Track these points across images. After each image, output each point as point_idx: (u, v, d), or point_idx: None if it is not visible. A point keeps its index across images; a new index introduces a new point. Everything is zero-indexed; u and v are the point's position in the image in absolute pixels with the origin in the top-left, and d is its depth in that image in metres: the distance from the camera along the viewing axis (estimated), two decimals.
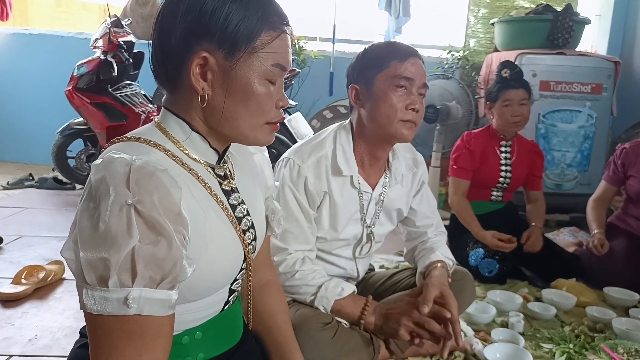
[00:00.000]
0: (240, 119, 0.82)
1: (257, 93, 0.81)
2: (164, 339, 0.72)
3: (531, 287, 2.31)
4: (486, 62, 4.02)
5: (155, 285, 0.69)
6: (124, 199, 0.67)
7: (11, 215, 3.00)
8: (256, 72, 0.80)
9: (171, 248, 0.69)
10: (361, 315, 1.38)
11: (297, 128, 3.41)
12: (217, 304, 0.92)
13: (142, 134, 0.82)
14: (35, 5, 5.41)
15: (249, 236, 0.92)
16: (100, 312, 0.67)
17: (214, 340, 0.92)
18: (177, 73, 0.80)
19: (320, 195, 1.42)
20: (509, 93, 2.34)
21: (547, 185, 3.45)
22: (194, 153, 0.84)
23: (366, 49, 1.44)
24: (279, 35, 0.81)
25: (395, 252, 2.70)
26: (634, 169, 2.41)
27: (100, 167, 0.69)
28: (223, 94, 0.80)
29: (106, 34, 3.44)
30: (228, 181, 0.90)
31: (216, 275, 0.85)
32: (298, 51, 4.21)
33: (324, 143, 1.44)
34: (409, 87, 1.35)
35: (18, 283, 2.00)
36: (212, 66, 0.79)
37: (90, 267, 0.66)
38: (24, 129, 4.52)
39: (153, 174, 0.69)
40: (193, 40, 0.78)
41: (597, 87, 3.46)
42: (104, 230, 0.66)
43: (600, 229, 2.44)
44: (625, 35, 4.44)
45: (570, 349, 1.72)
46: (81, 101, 3.47)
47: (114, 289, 0.66)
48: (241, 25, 0.78)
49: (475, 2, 4.61)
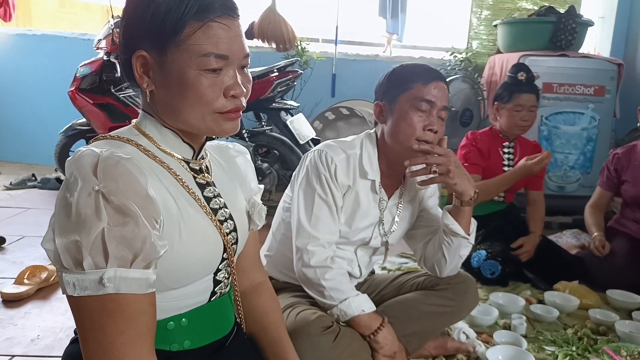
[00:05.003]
0: (184, 111, 0.84)
1: (191, 84, 0.82)
2: (146, 315, 0.75)
3: (534, 290, 2.31)
4: (489, 64, 4.01)
5: (129, 265, 0.72)
6: (92, 185, 0.71)
7: (14, 216, 3.01)
8: (187, 64, 0.81)
9: (138, 226, 0.73)
10: (372, 334, 1.41)
11: (299, 129, 3.40)
12: (203, 294, 0.94)
13: (119, 132, 0.88)
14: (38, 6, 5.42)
15: (227, 226, 0.94)
16: (80, 294, 0.71)
17: (200, 329, 0.93)
18: (131, 72, 0.85)
19: (344, 188, 1.46)
20: (522, 97, 2.34)
21: (549, 188, 3.45)
22: (167, 147, 0.89)
23: (394, 69, 1.48)
24: (203, 25, 0.81)
25: (397, 253, 2.70)
26: (627, 174, 2.43)
27: (71, 161, 0.75)
28: (164, 88, 0.84)
29: (109, 35, 3.45)
30: (203, 175, 0.93)
31: (194, 261, 0.87)
32: (300, 52, 4.21)
33: (354, 144, 1.50)
34: (430, 109, 1.39)
35: (21, 283, 2.00)
36: (151, 63, 0.83)
37: (66, 250, 0.71)
38: (26, 130, 4.53)
39: (118, 162, 0.74)
40: (132, 42, 0.84)
41: (600, 89, 3.45)
42: (75, 215, 0.71)
43: (599, 231, 2.46)
44: (629, 38, 4.43)
45: (573, 351, 1.71)
46: (84, 102, 3.47)
47: (89, 271, 0.70)
48: (166, 21, 0.80)
49: (478, 4, 4.60)
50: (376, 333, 1.40)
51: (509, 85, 2.40)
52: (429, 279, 1.60)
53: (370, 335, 1.40)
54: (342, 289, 1.41)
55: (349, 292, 1.42)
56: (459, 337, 1.74)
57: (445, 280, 1.57)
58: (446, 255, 1.50)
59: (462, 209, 1.46)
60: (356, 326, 1.41)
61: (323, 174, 1.42)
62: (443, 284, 1.57)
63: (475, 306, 1.67)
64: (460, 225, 1.46)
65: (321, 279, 1.40)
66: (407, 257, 2.66)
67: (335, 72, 4.45)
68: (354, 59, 4.56)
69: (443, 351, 1.67)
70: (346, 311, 1.39)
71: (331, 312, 1.41)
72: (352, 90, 4.33)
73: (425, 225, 1.62)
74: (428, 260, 1.58)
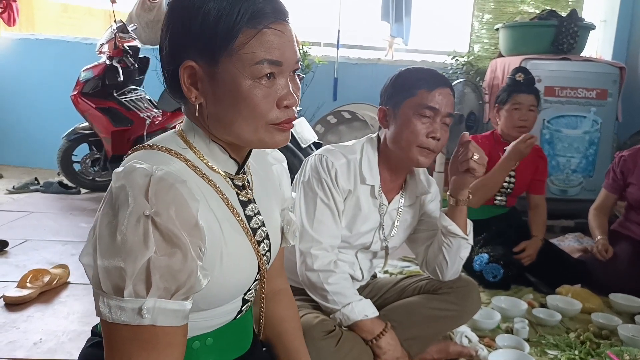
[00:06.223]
0: (236, 124, 0.80)
1: (245, 95, 0.77)
2: (177, 348, 0.73)
3: (536, 293, 2.30)
4: (490, 67, 4.02)
5: (170, 296, 0.69)
6: (142, 209, 0.67)
7: (17, 219, 3.01)
8: (240, 74, 0.77)
9: (186, 260, 0.70)
10: (374, 339, 1.41)
11: (301, 133, 3.40)
12: (230, 313, 0.92)
13: (165, 143, 0.82)
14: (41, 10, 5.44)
15: (263, 247, 0.92)
16: (115, 321, 0.68)
17: (224, 347, 0.92)
18: (177, 84, 0.80)
19: (345, 192, 1.46)
20: (519, 97, 2.35)
21: (552, 191, 3.45)
22: (214, 163, 0.85)
23: (399, 73, 1.48)
24: (258, 32, 0.76)
25: (399, 257, 2.70)
26: (633, 177, 2.43)
27: (121, 176, 0.70)
28: (214, 100, 0.79)
29: (112, 39, 3.46)
30: (246, 192, 0.90)
31: (230, 286, 0.85)
32: (302, 56, 4.22)
33: (354, 149, 1.50)
34: (434, 116, 1.39)
35: (23, 287, 2.01)
36: (200, 74, 0.78)
37: (107, 275, 0.67)
38: (29, 134, 4.54)
39: (172, 186, 0.70)
40: (179, 51, 0.79)
41: (602, 92, 3.45)
42: (121, 240, 0.67)
43: (603, 235, 2.45)
44: (631, 41, 4.44)
45: (576, 355, 1.71)
46: (87, 106, 3.49)
47: (128, 299, 0.67)
48: (217, 29, 0.75)
49: (480, 8, 4.61)
50: (379, 338, 1.40)
51: (508, 87, 2.42)
52: (431, 283, 1.60)
53: (372, 340, 1.40)
54: (345, 294, 1.41)
55: (352, 296, 1.42)
56: (461, 341, 1.73)
57: (447, 284, 1.57)
58: (447, 257, 1.51)
59: (458, 209, 1.47)
60: (359, 331, 1.41)
61: (324, 178, 1.43)
62: (445, 287, 1.57)
63: (477, 310, 1.67)
64: (458, 226, 1.47)
65: (324, 283, 1.40)
66: (409, 261, 2.66)
67: (337, 75, 4.45)
68: (355, 63, 4.57)
69: (445, 355, 1.67)
70: (349, 316, 1.39)
71: (334, 317, 1.41)
72: (354, 93, 4.34)
73: (427, 229, 1.62)
74: (429, 264, 1.58)
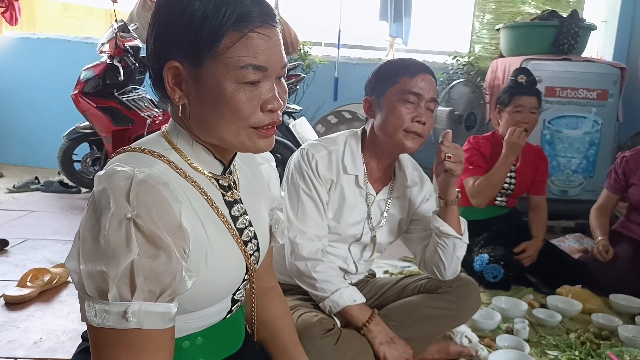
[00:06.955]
0: (219, 126, 0.79)
1: (228, 98, 0.76)
2: (165, 351, 0.72)
3: (536, 294, 2.30)
4: (491, 67, 4.02)
5: (155, 299, 0.69)
6: (124, 212, 0.67)
7: (17, 219, 3.01)
8: (224, 77, 0.76)
9: (170, 261, 0.70)
10: (365, 324, 1.42)
11: (302, 133, 3.41)
12: (220, 313, 0.92)
13: (148, 144, 0.82)
14: (42, 9, 5.44)
15: (251, 247, 0.91)
16: (101, 325, 0.67)
17: (215, 346, 0.92)
18: (161, 84, 0.80)
19: (328, 182, 1.49)
20: (521, 99, 2.34)
21: (552, 192, 3.45)
22: (198, 164, 0.84)
23: (381, 65, 1.52)
24: (243, 36, 0.75)
25: (399, 257, 2.70)
26: (635, 177, 2.42)
27: (102, 179, 0.70)
28: (197, 102, 0.79)
29: (113, 39, 3.46)
30: (232, 192, 0.89)
31: (217, 286, 0.85)
32: (303, 56, 4.22)
33: (337, 140, 1.54)
34: (418, 101, 1.42)
35: (23, 286, 2.01)
36: (184, 75, 0.78)
37: (90, 279, 0.67)
38: (30, 133, 4.54)
39: (154, 188, 0.70)
40: (164, 51, 0.78)
41: (603, 93, 3.45)
42: (104, 243, 0.67)
43: (604, 235, 2.44)
44: (631, 41, 4.44)
45: (576, 356, 1.71)
46: (87, 105, 3.49)
47: (113, 302, 0.67)
48: (202, 31, 0.75)
49: (481, 8, 4.61)
50: (369, 323, 1.42)
51: (510, 88, 2.41)
52: (431, 282, 1.60)
53: (363, 326, 1.42)
54: (333, 281, 1.43)
55: (340, 283, 1.44)
56: (462, 341, 1.73)
57: (447, 283, 1.57)
58: (443, 258, 1.51)
59: (448, 210, 1.48)
60: (349, 317, 1.42)
61: (305, 170, 1.46)
62: (445, 287, 1.57)
63: (477, 310, 1.67)
64: (451, 226, 1.47)
65: (312, 271, 1.42)
66: (409, 261, 2.66)
67: (337, 75, 4.46)
68: (356, 63, 4.57)
69: (445, 355, 1.66)
70: (338, 302, 1.41)
71: (323, 305, 1.43)
72: (354, 93, 4.33)
73: (423, 229, 1.62)
74: (427, 265, 1.59)
